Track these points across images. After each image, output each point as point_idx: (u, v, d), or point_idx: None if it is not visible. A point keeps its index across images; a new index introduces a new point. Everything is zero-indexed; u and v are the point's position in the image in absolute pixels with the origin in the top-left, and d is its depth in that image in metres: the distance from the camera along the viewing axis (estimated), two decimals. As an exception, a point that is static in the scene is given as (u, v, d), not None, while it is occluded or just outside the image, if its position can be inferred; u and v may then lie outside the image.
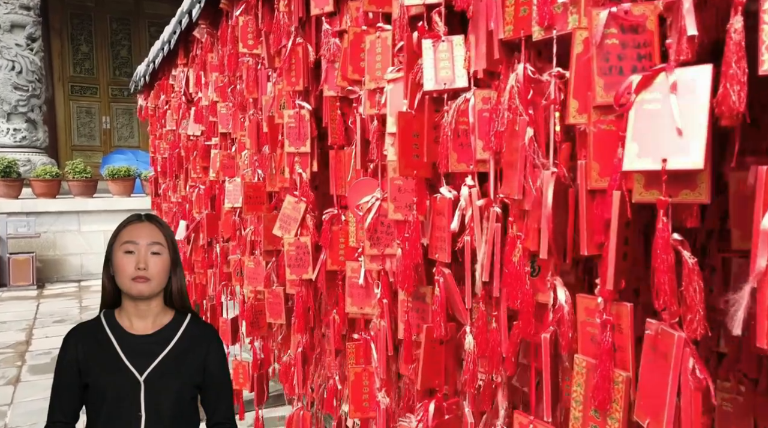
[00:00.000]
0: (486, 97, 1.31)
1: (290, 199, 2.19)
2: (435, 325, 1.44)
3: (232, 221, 2.94)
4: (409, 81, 1.46)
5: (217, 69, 3.06)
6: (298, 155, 2.15)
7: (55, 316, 7.20)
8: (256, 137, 2.60)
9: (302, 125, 2.13)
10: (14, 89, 9.91)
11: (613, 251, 0.94)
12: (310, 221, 2.16)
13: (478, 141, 1.32)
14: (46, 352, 5.86)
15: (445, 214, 1.42)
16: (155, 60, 4.23)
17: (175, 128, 4.09)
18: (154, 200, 5.40)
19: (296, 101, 2.15)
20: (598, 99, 0.95)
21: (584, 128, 0.99)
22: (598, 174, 0.97)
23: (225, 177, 3.02)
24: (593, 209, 0.98)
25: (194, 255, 3.68)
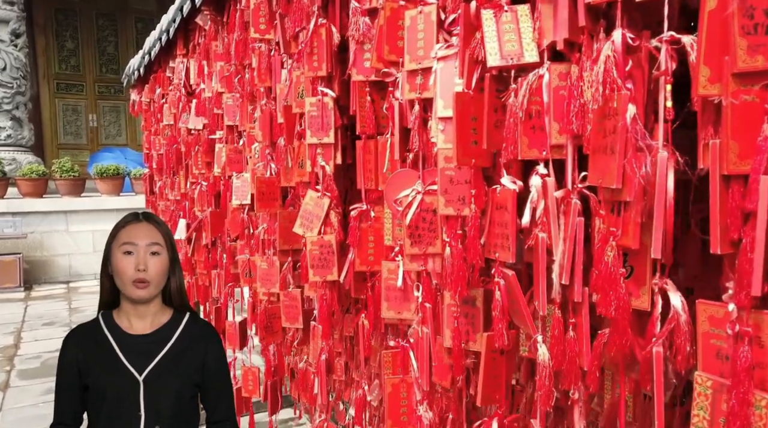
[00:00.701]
0: (563, 72, 1.13)
1: (312, 194, 2.00)
2: (497, 333, 1.26)
3: (241, 219, 2.75)
4: (465, 58, 1.28)
5: (223, 58, 2.86)
6: (321, 146, 1.96)
7: (43, 318, 6.99)
8: (268, 129, 2.40)
9: (325, 113, 1.94)
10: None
11: (761, 249, 0.76)
12: (335, 217, 1.97)
13: (554, 124, 1.14)
14: (35, 356, 5.64)
15: (508, 208, 1.24)
16: (151, 51, 4.00)
17: (174, 123, 3.86)
18: (149, 198, 5.16)
19: (318, 88, 1.95)
20: (740, 64, 0.78)
21: (718, 101, 0.81)
22: (737, 156, 0.80)
23: (232, 172, 2.82)
24: (729, 198, 0.81)
25: (196, 255, 3.47)
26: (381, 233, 1.86)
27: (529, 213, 1.17)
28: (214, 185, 3.17)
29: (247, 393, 2.77)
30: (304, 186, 2.15)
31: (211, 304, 3.35)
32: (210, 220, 3.15)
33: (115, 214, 8.88)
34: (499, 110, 1.26)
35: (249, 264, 2.74)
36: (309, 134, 1.97)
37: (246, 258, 2.75)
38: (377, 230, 1.86)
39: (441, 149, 1.38)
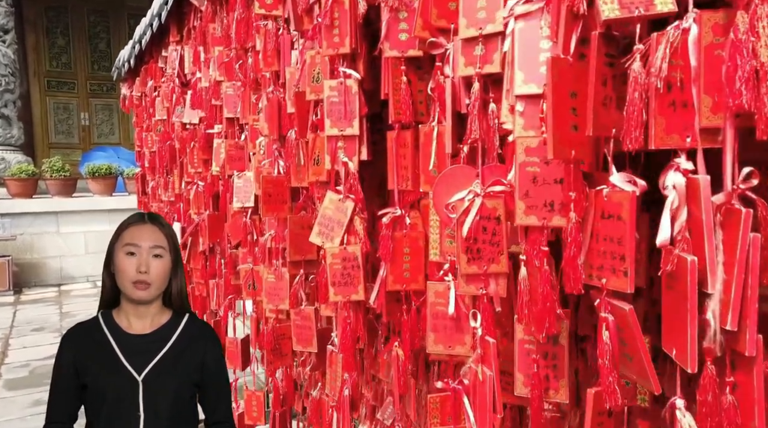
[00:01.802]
0: (720, 24, 0.78)
1: (332, 196, 1.64)
2: (606, 389, 0.90)
3: (243, 224, 2.38)
4: (561, 12, 0.92)
5: (222, 42, 2.48)
6: (343, 138, 1.60)
7: (33, 324, 6.66)
8: (276, 120, 2.03)
9: (349, 99, 1.57)
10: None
11: None
12: (360, 225, 1.61)
13: (704, 98, 0.78)
14: (23, 364, 5.31)
15: (624, 217, 0.88)
16: (142, 40, 3.61)
17: (167, 117, 3.48)
18: (141, 199, 4.77)
19: (340, 69, 1.59)
20: None
21: None
22: None
23: (232, 171, 2.45)
24: None
25: (192, 262, 3.08)
26: (418, 245, 1.50)
27: (667, 226, 0.81)
28: (211, 185, 2.79)
29: (251, 421, 2.41)
30: (321, 186, 1.78)
31: (209, 317, 2.98)
32: (208, 224, 2.78)
33: (107, 215, 8.51)
34: (609, 83, 0.90)
35: (252, 275, 2.37)
36: (328, 124, 1.61)
37: (249, 268, 2.39)
38: (414, 241, 1.50)
39: (520, 137, 1.02)
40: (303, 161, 1.92)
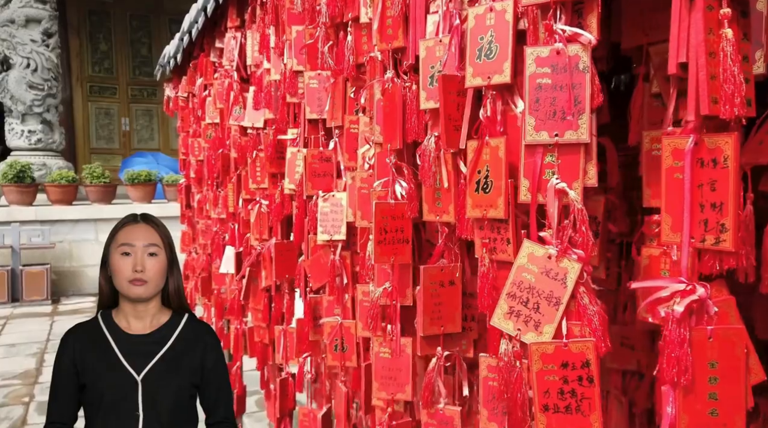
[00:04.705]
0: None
1: (535, 250, 0.91)
2: None
3: (331, 263, 1.67)
4: None
5: (302, 19, 1.78)
6: (558, 149, 0.87)
7: (70, 338, 6.09)
8: (394, 122, 1.32)
9: (576, 78, 0.85)
10: (29, 88, 8.79)
11: None
12: (587, 297, 0.87)
13: None
14: (59, 385, 4.70)
15: None
16: (192, 29, 2.94)
17: (220, 120, 2.81)
18: (185, 212, 4.11)
19: (556, 26, 0.87)
20: None
21: None
22: None
23: (315, 191, 1.75)
24: None
25: (252, 302, 2.39)
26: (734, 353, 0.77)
27: None
28: (281, 205, 2.08)
29: None
30: (490, 227, 1.06)
31: (271, 371, 2.27)
32: (275, 255, 2.08)
33: (147, 223, 7.96)
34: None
35: (342, 332, 1.67)
36: (531, 124, 0.88)
37: (337, 323, 1.68)
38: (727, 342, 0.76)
39: None
40: (446, 182, 1.20)
